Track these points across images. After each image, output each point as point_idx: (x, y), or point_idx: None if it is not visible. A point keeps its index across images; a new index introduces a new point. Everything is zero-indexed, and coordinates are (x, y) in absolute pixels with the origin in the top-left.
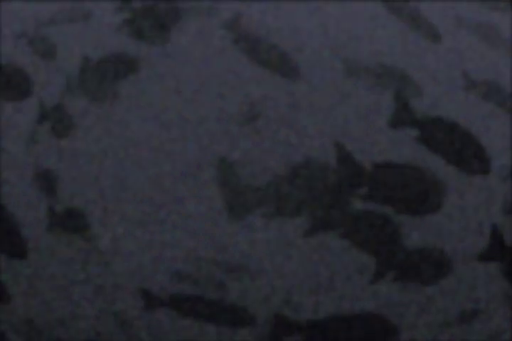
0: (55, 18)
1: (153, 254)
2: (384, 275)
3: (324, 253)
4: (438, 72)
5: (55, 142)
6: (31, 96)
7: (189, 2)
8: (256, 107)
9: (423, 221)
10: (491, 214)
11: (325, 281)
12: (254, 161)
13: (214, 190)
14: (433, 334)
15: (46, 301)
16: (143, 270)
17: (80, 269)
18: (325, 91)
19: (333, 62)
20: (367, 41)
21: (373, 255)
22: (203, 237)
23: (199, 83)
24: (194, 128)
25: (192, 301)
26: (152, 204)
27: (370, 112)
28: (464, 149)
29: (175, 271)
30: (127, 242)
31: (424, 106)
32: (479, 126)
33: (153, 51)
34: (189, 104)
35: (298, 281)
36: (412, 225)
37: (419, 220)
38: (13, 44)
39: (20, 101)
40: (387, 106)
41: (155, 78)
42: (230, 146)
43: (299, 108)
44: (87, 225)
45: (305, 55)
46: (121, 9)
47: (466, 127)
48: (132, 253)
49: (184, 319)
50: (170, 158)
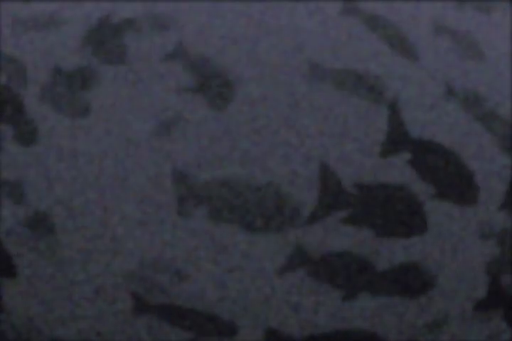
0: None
1: (153, 254)
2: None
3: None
4: (419, 85)
5: (55, 143)
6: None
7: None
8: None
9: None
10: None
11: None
12: (254, 161)
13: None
14: (433, 334)
15: (46, 301)
16: (143, 270)
17: (80, 269)
18: (325, 91)
19: (333, 62)
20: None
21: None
22: (203, 237)
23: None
24: (194, 128)
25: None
26: (152, 204)
27: (370, 112)
28: (453, 178)
29: (175, 271)
30: (127, 242)
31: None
32: (465, 147)
33: (153, 51)
34: (189, 104)
35: (298, 281)
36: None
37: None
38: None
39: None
40: (386, 105)
41: (155, 78)
42: (230, 146)
43: (299, 108)
44: (53, 231)
45: (305, 55)
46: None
47: (455, 151)
48: (132, 253)
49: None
50: (170, 158)
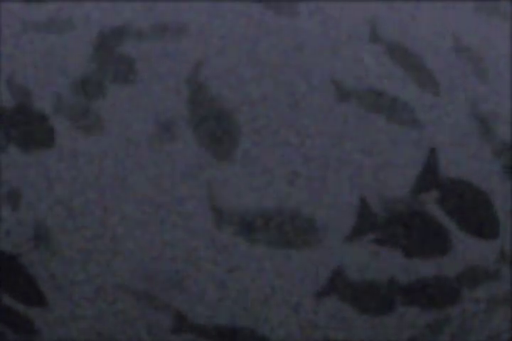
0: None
1: (153, 254)
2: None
3: (324, 253)
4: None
5: (56, 142)
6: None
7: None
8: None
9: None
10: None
11: (325, 281)
12: (254, 161)
13: (213, 191)
14: (433, 334)
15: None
16: (143, 270)
17: (80, 269)
18: (325, 91)
19: (333, 63)
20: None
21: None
22: (203, 237)
23: (199, 83)
24: (194, 128)
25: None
26: (152, 204)
27: (370, 112)
28: (477, 213)
29: (175, 271)
30: (127, 242)
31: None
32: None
33: (152, 51)
34: (189, 104)
35: (298, 281)
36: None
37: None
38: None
39: None
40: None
41: (155, 78)
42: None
43: (299, 108)
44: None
45: (305, 55)
46: None
47: (481, 187)
48: (132, 253)
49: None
50: (170, 158)
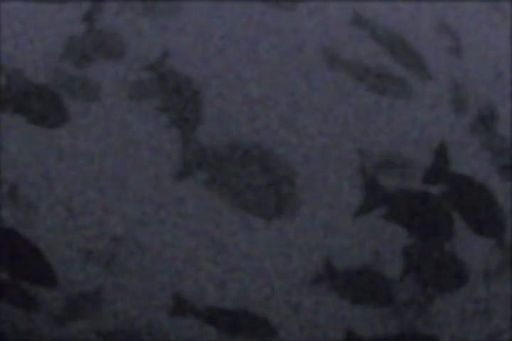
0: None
1: (153, 254)
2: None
3: (324, 253)
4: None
5: (55, 142)
6: None
7: None
8: None
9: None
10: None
11: (325, 281)
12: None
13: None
14: (433, 334)
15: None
16: (143, 270)
17: (80, 269)
18: (325, 91)
19: (334, 61)
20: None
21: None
22: (203, 237)
23: (199, 83)
24: (194, 128)
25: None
26: (152, 204)
27: (370, 112)
28: (482, 211)
29: (175, 271)
30: (127, 242)
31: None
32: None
33: (153, 51)
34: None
35: (298, 281)
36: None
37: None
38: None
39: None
40: (387, 105)
41: (155, 78)
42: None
43: (299, 108)
44: None
45: (305, 55)
46: None
47: (486, 184)
48: (132, 253)
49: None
50: (170, 158)
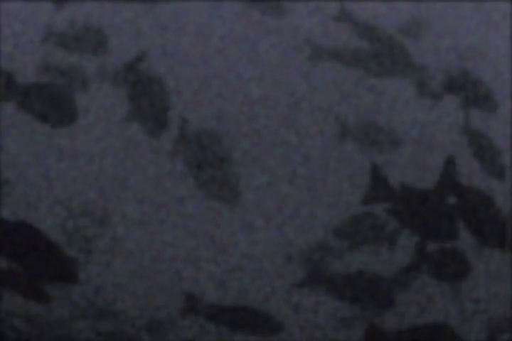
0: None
1: (153, 254)
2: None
3: (324, 253)
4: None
5: (55, 142)
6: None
7: None
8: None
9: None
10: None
11: (325, 281)
12: (254, 161)
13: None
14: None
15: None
16: (143, 270)
17: (80, 269)
18: (325, 91)
19: (333, 63)
20: None
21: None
22: (203, 237)
23: (199, 83)
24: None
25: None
26: (152, 204)
27: (370, 112)
28: (487, 221)
29: (175, 271)
30: (127, 242)
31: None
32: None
33: (152, 51)
34: (189, 104)
35: (297, 281)
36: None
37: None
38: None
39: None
40: (387, 105)
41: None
42: (230, 146)
43: (299, 108)
44: None
45: (305, 55)
46: None
47: (482, 186)
48: (132, 253)
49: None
50: (170, 158)
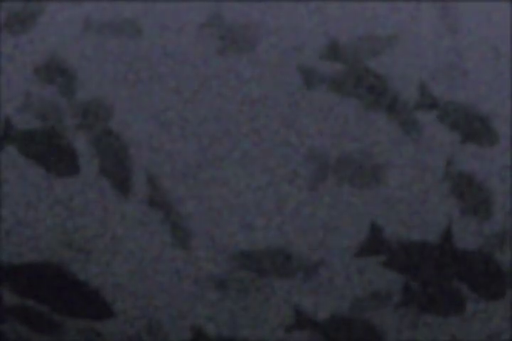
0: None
1: (153, 254)
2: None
3: (324, 253)
4: None
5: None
6: None
7: None
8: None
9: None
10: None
11: (325, 281)
12: (254, 161)
13: (213, 191)
14: (433, 334)
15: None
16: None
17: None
18: (325, 91)
19: (333, 61)
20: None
21: None
22: (203, 237)
23: (199, 83)
24: (194, 128)
25: None
26: (153, 203)
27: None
28: (485, 274)
29: (175, 271)
30: (127, 242)
31: None
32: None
33: (153, 51)
34: (189, 104)
35: (298, 281)
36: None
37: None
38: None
39: None
40: (386, 105)
41: (155, 78)
42: (230, 146)
43: (299, 108)
44: None
45: (305, 55)
46: None
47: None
48: (132, 253)
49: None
50: (170, 158)
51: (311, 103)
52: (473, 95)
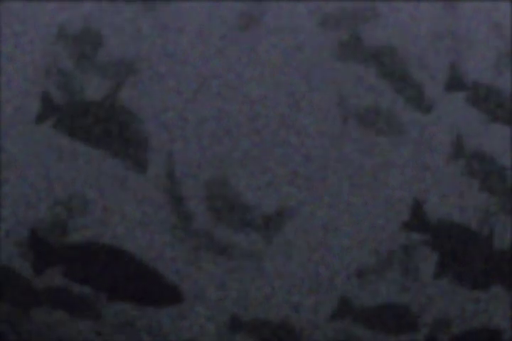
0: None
1: (152, 254)
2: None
3: (324, 253)
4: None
5: (55, 142)
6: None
7: None
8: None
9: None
10: None
11: (325, 281)
12: (254, 161)
13: (213, 190)
14: (433, 334)
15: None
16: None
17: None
18: (325, 91)
19: (333, 63)
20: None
21: None
22: (203, 237)
23: (199, 83)
24: (194, 128)
25: None
26: (152, 204)
27: (369, 112)
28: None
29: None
30: (127, 242)
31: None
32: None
33: (153, 51)
34: (189, 104)
35: (298, 281)
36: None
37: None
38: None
39: None
40: (386, 106)
41: (155, 78)
42: (230, 146)
43: (299, 108)
44: None
45: (305, 55)
46: None
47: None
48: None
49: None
50: (169, 158)
51: (311, 103)
52: (472, 94)
